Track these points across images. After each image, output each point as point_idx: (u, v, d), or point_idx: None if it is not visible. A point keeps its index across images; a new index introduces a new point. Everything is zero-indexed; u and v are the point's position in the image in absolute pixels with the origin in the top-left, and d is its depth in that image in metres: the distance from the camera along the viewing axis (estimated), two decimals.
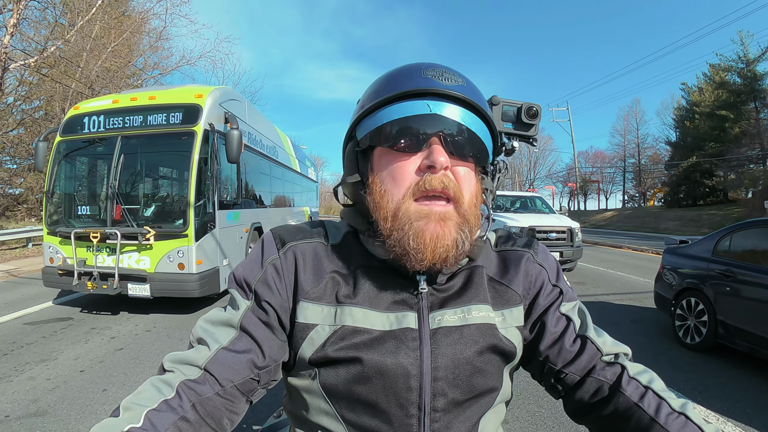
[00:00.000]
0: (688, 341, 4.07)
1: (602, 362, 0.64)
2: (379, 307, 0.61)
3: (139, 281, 4.69)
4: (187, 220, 4.67)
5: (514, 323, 0.66)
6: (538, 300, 0.68)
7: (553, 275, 0.71)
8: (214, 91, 5.17)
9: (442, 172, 0.57)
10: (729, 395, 3.04)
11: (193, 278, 4.66)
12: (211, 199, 4.95)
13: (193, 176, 4.65)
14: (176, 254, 4.66)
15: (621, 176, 44.32)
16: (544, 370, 0.67)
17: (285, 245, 0.65)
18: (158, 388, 0.55)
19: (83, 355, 3.70)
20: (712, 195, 27.84)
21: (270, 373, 0.62)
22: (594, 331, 0.66)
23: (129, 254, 4.75)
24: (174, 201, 5.20)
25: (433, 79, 0.60)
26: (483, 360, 0.62)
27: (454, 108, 0.59)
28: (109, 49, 11.87)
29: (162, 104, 4.91)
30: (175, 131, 4.84)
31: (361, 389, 0.59)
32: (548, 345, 0.66)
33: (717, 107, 26.36)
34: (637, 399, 0.58)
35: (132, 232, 4.62)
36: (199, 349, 0.59)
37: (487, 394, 0.63)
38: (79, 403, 2.83)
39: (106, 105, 5.13)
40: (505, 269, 0.70)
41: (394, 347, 0.59)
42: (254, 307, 0.62)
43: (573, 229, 8.16)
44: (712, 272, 3.90)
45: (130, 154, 4.96)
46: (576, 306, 0.69)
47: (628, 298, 6.29)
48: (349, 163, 0.67)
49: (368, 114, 0.63)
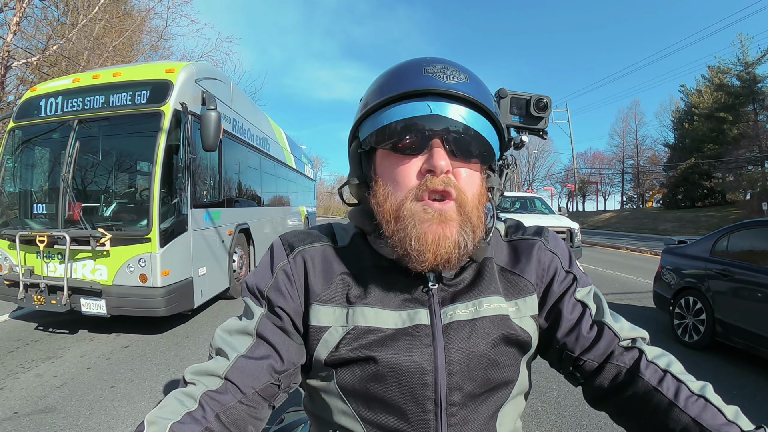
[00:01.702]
0: (687, 339, 4.13)
1: (620, 347, 0.63)
2: (390, 306, 0.62)
3: (93, 296, 3.89)
4: (150, 221, 3.84)
5: (528, 312, 0.66)
6: (552, 287, 0.68)
7: (566, 261, 0.70)
8: (189, 65, 4.39)
9: (443, 176, 0.56)
10: (726, 392, 3.09)
11: (158, 293, 3.83)
12: (183, 196, 4.17)
13: (158, 167, 3.85)
14: (137, 263, 3.84)
15: (620, 178, 44.43)
16: (562, 357, 0.67)
17: (294, 250, 0.66)
18: (181, 401, 0.56)
19: (89, 353, 3.74)
20: (710, 197, 27.94)
21: (290, 377, 0.63)
22: (611, 316, 0.66)
23: (83, 262, 3.95)
24: (135, 198, 4.29)
25: (434, 77, 0.58)
26: (498, 352, 0.62)
27: (457, 107, 0.58)
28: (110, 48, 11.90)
29: (127, 81, 4.13)
30: (139, 112, 4.04)
31: (376, 388, 0.59)
32: (565, 332, 0.65)
33: (716, 109, 26.45)
34: (656, 383, 0.58)
35: (83, 235, 3.82)
36: (219, 359, 0.60)
37: (503, 386, 0.63)
38: (88, 400, 2.86)
39: (65, 85, 4.34)
40: (516, 259, 0.69)
41: (408, 344, 0.59)
42: (268, 313, 0.63)
43: (572, 229, 8.23)
44: (710, 272, 3.96)
45: (87, 141, 4.19)
46: (591, 291, 0.69)
47: (627, 298, 6.34)
48: (351, 163, 0.68)
49: (370, 114, 0.62)
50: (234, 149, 5.92)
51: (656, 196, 35.61)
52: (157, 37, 14.08)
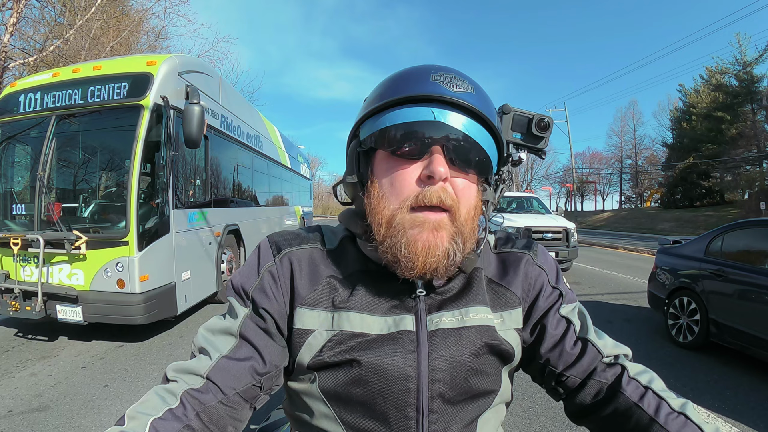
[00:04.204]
0: (681, 340, 4.14)
1: (602, 364, 0.64)
2: (376, 312, 0.62)
3: (68, 302, 3.72)
4: (128, 223, 3.65)
5: (512, 325, 0.66)
6: (537, 302, 0.68)
7: (553, 277, 0.71)
8: (172, 57, 4.19)
9: (441, 183, 0.56)
10: (720, 392, 3.10)
11: (136, 299, 3.65)
12: (164, 196, 4.00)
13: (136, 164, 3.66)
14: (114, 268, 3.67)
15: (618, 177, 44.48)
16: (545, 373, 0.67)
17: (281, 252, 0.66)
18: (162, 397, 0.55)
19: (84, 352, 3.74)
20: (708, 196, 27.98)
21: (272, 379, 0.62)
22: (594, 333, 0.66)
23: (59, 266, 3.77)
24: (113, 198, 4.07)
25: (441, 84, 0.58)
26: (481, 362, 0.62)
27: (460, 116, 0.58)
28: (107, 48, 11.88)
29: (107, 75, 3.97)
30: (117, 106, 3.88)
31: (358, 391, 0.59)
32: (549, 348, 0.66)
33: (714, 109, 26.54)
34: (637, 399, 0.59)
35: (57, 238, 3.65)
36: (201, 358, 0.60)
37: (485, 395, 0.63)
38: (81, 399, 2.87)
39: (44, 80, 4.19)
40: (504, 271, 0.70)
41: (392, 349, 0.59)
42: (252, 314, 0.63)
43: (569, 229, 8.24)
44: (704, 272, 3.97)
45: (65, 138, 4.06)
46: (576, 308, 0.69)
47: (622, 298, 6.35)
48: (349, 161, 0.67)
49: (373, 114, 0.62)
50: (222, 147, 5.77)
51: (654, 195, 35.68)
52: (154, 37, 14.07)
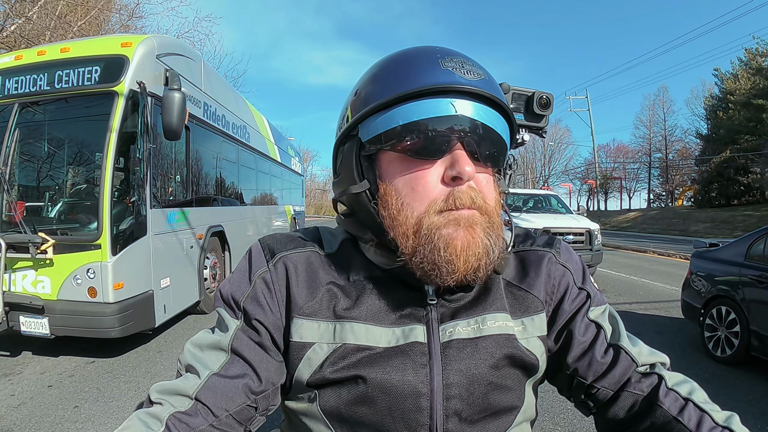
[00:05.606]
0: (719, 354, 4.14)
1: (637, 374, 0.63)
2: (383, 322, 0.61)
3: (34, 313, 3.62)
4: (101, 224, 3.59)
5: (536, 332, 0.65)
6: (562, 306, 0.67)
7: (579, 277, 0.70)
8: (149, 38, 4.14)
9: (468, 183, 0.56)
10: (763, 412, 3.10)
11: (109, 310, 3.57)
12: (141, 193, 3.95)
13: (110, 158, 3.61)
14: (85, 274, 3.59)
15: (646, 173, 44.60)
16: (572, 384, 0.66)
17: (275, 256, 0.65)
18: (145, 422, 0.54)
19: (51, 369, 3.74)
20: (747, 194, 28.05)
21: (268, 398, 0.62)
22: (628, 340, 0.66)
23: (23, 273, 3.69)
24: (83, 196, 4.03)
25: (454, 72, 0.57)
26: (501, 375, 0.61)
27: (478, 106, 0.57)
28: (75, 28, 11.89)
29: (76, 58, 3.91)
30: (88, 93, 3.83)
31: (364, 411, 0.58)
32: (577, 356, 0.65)
33: (753, 96, 26.52)
34: (677, 412, 0.58)
35: (21, 240, 3.56)
36: (188, 377, 0.60)
37: (506, 412, 0.62)
38: (48, 422, 2.86)
39: (5, 63, 4.12)
40: (524, 272, 0.68)
41: (401, 363, 0.58)
42: (244, 326, 0.62)
43: (592, 231, 8.24)
44: (745, 278, 3.97)
45: (29, 128, 4.01)
46: (606, 311, 0.68)
47: (653, 307, 6.37)
48: (348, 167, 0.64)
49: (377, 111, 0.59)
50: (205, 139, 5.72)
51: (687, 193, 35.73)
52: (127, 16, 14.05)
